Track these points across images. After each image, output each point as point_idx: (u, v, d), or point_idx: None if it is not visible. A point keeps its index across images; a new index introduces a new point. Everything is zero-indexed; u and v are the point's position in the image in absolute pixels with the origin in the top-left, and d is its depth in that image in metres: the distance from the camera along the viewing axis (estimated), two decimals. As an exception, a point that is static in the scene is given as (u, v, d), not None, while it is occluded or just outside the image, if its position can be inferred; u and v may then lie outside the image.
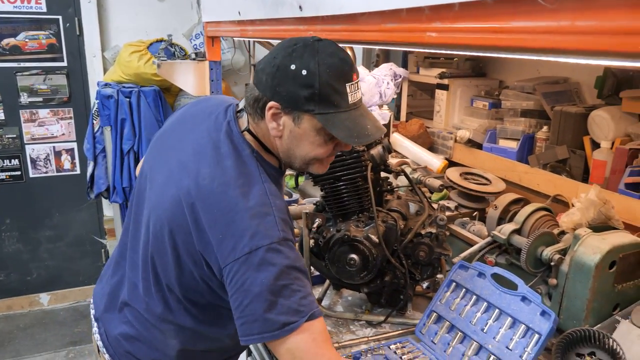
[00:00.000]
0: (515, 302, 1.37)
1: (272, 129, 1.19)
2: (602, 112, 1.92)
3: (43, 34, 3.73)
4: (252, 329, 1.12)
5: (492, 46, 0.80)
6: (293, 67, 1.11)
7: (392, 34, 1.03)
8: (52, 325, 3.88)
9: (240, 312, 1.13)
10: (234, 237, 1.12)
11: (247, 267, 1.10)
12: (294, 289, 1.12)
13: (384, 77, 2.40)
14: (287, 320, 1.10)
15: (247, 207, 1.13)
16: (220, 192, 1.15)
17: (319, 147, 1.21)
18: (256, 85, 1.18)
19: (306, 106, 1.13)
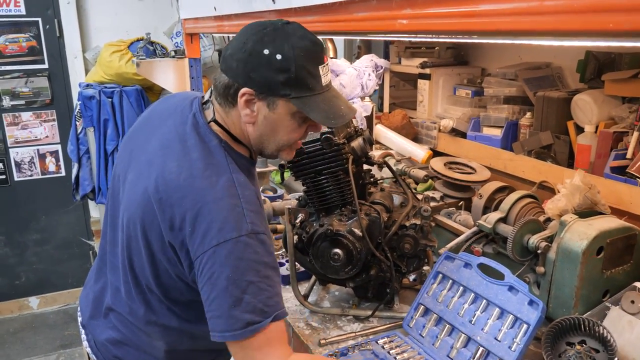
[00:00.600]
0: (502, 292, 1.35)
1: (245, 115, 1.16)
2: (584, 96, 1.91)
3: (23, 37, 3.68)
4: (217, 325, 1.12)
5: (462, 30, 0.77)
6: (266, 51, 1.09)
7: (363, 23, 1.01)
8: (42, 328, 3.85)
9: (208, 306, 1.12)
10: (202, 230, 1.10)
11: (215, 259, 1.09)
12: (261, 287, 1.11)
13: (365, 68, 2.37)
14: (252, 320, 1.09)
15: (215, 199, 1.11)
16: (187, 185, 1.13)
17: (293, 131, 1.20)
18: (225, 72, 1.15)
19: (282, 91, 1.12)
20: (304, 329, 1.56)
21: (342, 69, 2.33)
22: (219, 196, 1.12)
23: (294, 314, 1.63)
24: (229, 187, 1.13)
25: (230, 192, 1.13)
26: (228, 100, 1.17)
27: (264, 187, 2.36)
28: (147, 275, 1.24)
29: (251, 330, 1.09)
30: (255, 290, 1.10)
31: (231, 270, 1.09)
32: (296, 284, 1.64)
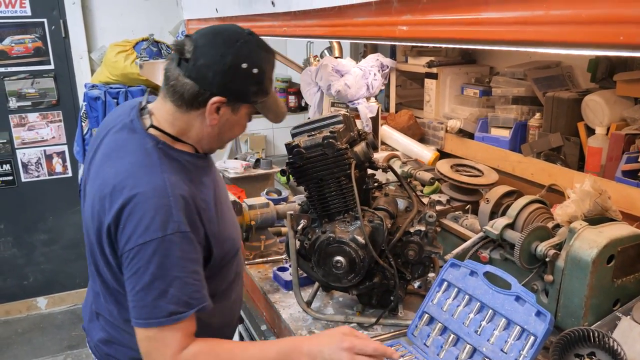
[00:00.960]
0: (509, 302, 1.31)
1: (211, 119, 1.26)
2: (596, 96, 1.85)
3: (29, 38, 3.68)
4: (140, 314, 1.18)
5: (465, 39, 0.74)
6: (244, 65, 1.21)
7: (362, 29, 0.97)
8: (50, 329, 3.87)
9: (132, 297, 1.19)
10: (131, 228, 1.17)
11: (140, 257, 1.16)
12: (187, 282, 1.19)
13: (371, 68, 2.33)
14: (176, 310, 1.17)
15: (145, 199, 1.17)
16: (121, 187, 1.20)
17: (244, 127, 1.37)
18: (195, 80, 1.22)
19: (252, 98, 1.28)
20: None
21: (347, 69, 2.29)
22: (149, 196, 1.18)
23: (297, 321, 1.60)
24: (159, 188, 1.19)
25: (159, 192, 1.19)
26: (192, 105, 1.25)
27: (268, 189, 2.33)
28: (110, 278, 1.30)
29: (174, 319, 1.17)
30: (181, 284, 1.18)
31: (156, 267, 1.16)
32: (299, 290, 1.62)
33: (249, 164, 2.47)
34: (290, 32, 1.26)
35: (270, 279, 1.87)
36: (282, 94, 3.98)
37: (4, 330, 3.86)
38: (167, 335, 1.19)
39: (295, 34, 1.25)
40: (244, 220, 2.02)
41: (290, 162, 1.49)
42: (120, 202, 1.18)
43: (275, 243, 2.11)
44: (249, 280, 1.94)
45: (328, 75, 2.25)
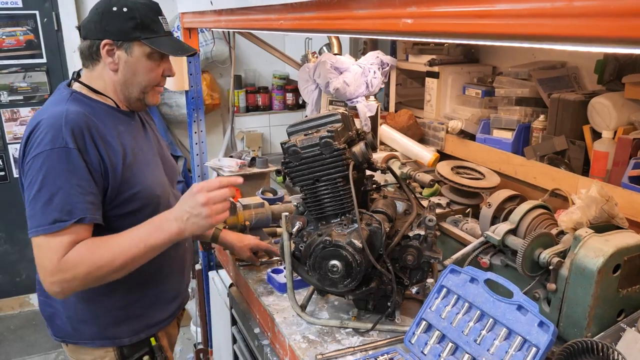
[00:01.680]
0: (510, 311, 1.26)
1: (109, 64, 1.46)
2: (603, 99, 1.80)
3: (20, 30, 3.61)
4: (32, 223, 1.31)
5: (475, 33, 0.68)
6: (115, 8, 1.42)
7: (363, 22, 0.91)
8: (43, 326, 3.76)
9: (27, 206, 1.32)
10: (29, 145, 1.35)
11: (32, 167, 1.31)
12: (71, 193, 1.31)
13: (371, 65, 2.27)
14: (58, 218, 1.28)
15: (42, 121, 1.35)
16: (32, 119, 1.41)
17: (151, 71, 1.50)
18: (85, 37, 1.46)
19: (134, 34, 1.43)
20: (300, 342, 1.47)
21: (346, 67, 2.23)
22: (46, 117, 1.36)
23: (291, 325, 1.55)
24: (57, 114, 1.36)
25: (56, 116, 1.35)
26: (93, 58, 1.46)
27: (264, 188, 2.27)
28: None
29: (58, 226, 1.28)
30: (65, 194, 1.30)
31: (43, 176, 1.30)
32: (294, 294, 1.56)
33: (244, 162, 2.41)
34: (287, 26, 1.20)
35: (264, 281, 1.82)
36: (280, 91, 3.92)
37: (-5, 326, 3.81)
38: (53, 241, 1.29)
39: (292, 27, 1.19)
40: (237, 220, 1.97)
41: (286, 161, 1.44)
42: (28, 131, 1.37)
43: (271, 244, 2.05)
44: (243, 281, 1.89)
45: (326, 72, 2.19)
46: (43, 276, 1.32)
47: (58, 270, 1.29)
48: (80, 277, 1.31)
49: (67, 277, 1.30)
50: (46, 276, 1.31)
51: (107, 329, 1.57)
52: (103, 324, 1.56)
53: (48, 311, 1.60)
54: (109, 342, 1.58)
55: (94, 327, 1.56)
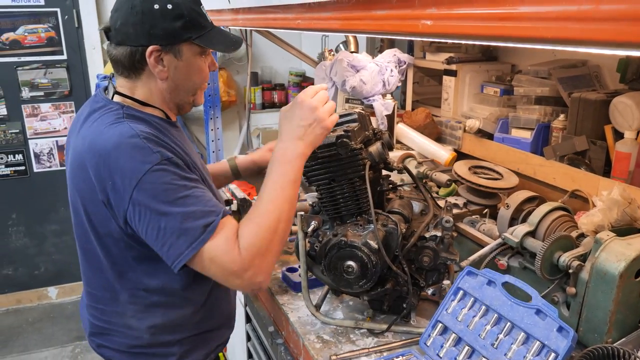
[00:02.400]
0: (529, 316, 1.24)
1: (159, 72, 1.26)
2: (625, 98, 1.76)
3: (42, 27, 3.65)
4: (179, 247, 1.14)
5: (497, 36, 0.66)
6: (157, 6, 1.20)
7: (382, 22, 0.90)
8: (60, 319, 3.87)
9: (162, 238, 1.15)
10: (118, 179, 1.15)
11: (143, 196, 1.13)
12: (197, 195, 1.17)
13: (388, 64, 2.25)
14: (206, 222, 1.15)
15: (116, 146, 1.16)
16: (93, 143, 1.20)
17: (201, 71, 1.33)
18: (123, 43, 1.23)
19: (184, 35, 1.24)
20: (315, 342, 1.47)
21: (363, 65, 2.22)
22: (118, 142, 1.17)
23: (305, 325, 1.54)
24: (125, 131, 1.18)
25: (127, 134, 1.18)
26: (135, 67, 1.26)
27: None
28: (106, 242, 1.29)
29: (211, 229, 1.14)
30: (193, 200, 1.16)
31: (162, 197, 1.13)
32: (308, 294, 1.56)
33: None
34: (305, 25, 1.20)
35: (278, 280, 1.82)
36: (296, 88, 3.92)
37: (14, 319, 3.87)
38: (217, 244, 1.15)
39: (309, 27, 1.18)
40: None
41: (302, 161, 1.43)
42: (97, 157, 1.18)
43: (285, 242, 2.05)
44: (257, 280, 1.89)
45: (343, 70, 2.18)
46: (238, 281, 1.19)
47: (246, 262, 1.17)
48: (266, 251, 1.19)
49: (257, 261, 1.18)
50: (242, 275, 1.17)
51: (184, 355, 1.43)
52: (180, 352, 1.42)
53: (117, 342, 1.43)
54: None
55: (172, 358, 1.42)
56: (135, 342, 1.39)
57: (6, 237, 3.92)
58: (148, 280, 1.33)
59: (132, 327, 1.38)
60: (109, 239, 1.27)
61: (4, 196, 3.84)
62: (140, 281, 1.33)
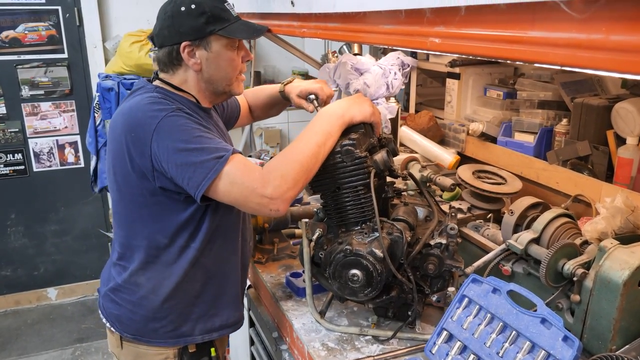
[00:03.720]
0: (534, 324, 1.24)
1: (193, 65, 1.43)
2: (627, 104, 1.76)
3: (42, 26, 3.64)
4: (198, 178, 1.29)
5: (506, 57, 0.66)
6: (183, 8, 1.38)
7: (390, 37, 0.90)
8: (60, 320, 3.85)
9: (183, 172, 1.30)
10: (141, 125, 1.33)
11: (160, 139, 1.30)
12: (209, 137, 1.33)
13: (391, 67, 2.25)
14: (218, 155, 1.29)
15: (138, 103, 1.37)
16: (120, 109, 1.42)
17: (233, 61, 1.47)
18: (162, 45, 1.44)
19: (208, 28, 1.39)
20: (320, 349, 1.47)
21: (366, 67, 2.22)
22: (138, 102, 1.37)
23: (309, 332, 1.55)
24: (146, 96, 1.39)
25: (146, 96, 1.38)
26: (174, 63, 1.45)
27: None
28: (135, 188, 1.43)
29: (223, 160, 1.29)
30: (207, 139, 1.32)
31: (178, 135, 1.30)
32: (313, 301, 1.56)
33: (263, 162, 2.40)
34: (310, 34, 1.20)
35: (282, 285, 1.82)
36: (298, 88, 3.90)
37: (13, 320, 3.85)
38: (236, 169, 1.30)
39: (315, 35, 1.18)
40: (257, 222, 1.97)
41: (307, 168, 1.43)
42: (125, 116, 1.37)
43: (289, 246, 2.05)
44: (261, 284, 1.89)
45: (347, 73, 2.18)
46: (258, 198, 1.29)
47: (265, 178, 1.29)
48: (288, 176, 1.31)
49: (277, 181, 1.29)
50: (262, 192, 1.29)
51: (181, 325, 1.53)
52: (179, 320, 1.53)
53: (115, 313, 1.55)
54: (181, 341, 1.55)
55: (169, 325, 1.52)
56: (140, 302, 1.52)
57: (5, 238, 3.91)
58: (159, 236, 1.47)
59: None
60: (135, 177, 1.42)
61: (3, 196, 3.82)
62: (152, 236, 1.47)
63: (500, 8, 0.62)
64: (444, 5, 0.71)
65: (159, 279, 1.49)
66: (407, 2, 0.77)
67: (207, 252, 1.50)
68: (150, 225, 1.45)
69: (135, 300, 1.51)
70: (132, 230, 1.49)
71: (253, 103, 1.97)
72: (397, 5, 0.80)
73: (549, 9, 0.58)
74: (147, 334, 1.53)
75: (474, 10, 0.67)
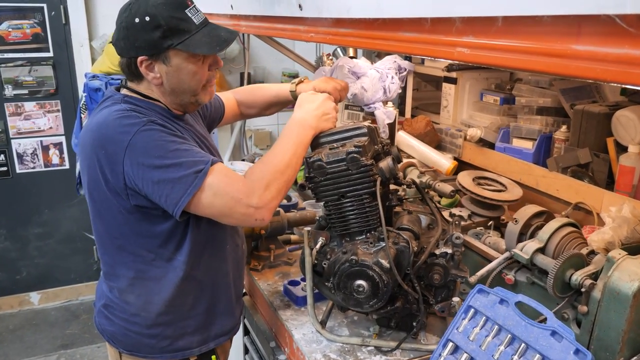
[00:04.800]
0: (544, 337, 1.22)
1: (153, 79, 1.36)
2: (628, 112, 1.76)
3: (27, 23, 3.54)
4: (177, 194, 1.25)
5: (545, 72, 0.64)
6: (137, 20, 1.28)
7: (410, 45, 0.87)
8: (43, 326, 3.75)
9: (159, 189, 1.25)
10: (112, 142, 1.26)
11: (136, 154, 1.24)
12: (185, 149, 1.28)
13: (388, 70, 2.22)
14: (197, 169, 1.25)
15: (106, 117, 1.30)
16: (88, 124, 1.36)
17: (196, 74, 1.38)
18: (121, 55, 1.36)
19: (165, 43, 1.30)
20: (321, 360, 1.44)
21: (363, 71, 2.19)
22: (106, 116, 1.30)
23: (311, 343, 1.51)
24: (114, 108, 1.32)
25: (114, 109, 1.31)
26: (134, 75, 1.37)
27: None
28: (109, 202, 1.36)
29: (202, 174, 1.25)
30: (183, 152, 1.27)
31: (153, 152, 1.24)
32: (314, 311, 1.53)
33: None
34: (319, 39, 1.16)
35: (280, 293, 1.78)
36: (289, 89, 3.86)
37: (-5, 325, 3.74)
38: (218, 180, 1.27)
39: (324, 41, 1.15)
40: (253, 229, 1.93)
41: (311, 176, 1.40)
42: (91, 135, 1.31)
43: (285, 253, 2.02)
44: (257, 292, 1.85)
45: (344, 77, 2.15)
46: (243, 208, 1.28)
47: (250, 189, 1.29)
48: (270, 185, 1.31)
49: (260, 191, 1.29)
50: (247, 202, 1.28)
51: (177, 340, 1.49)
52: (174, 335, 1.49)
53: (110, 329, 1.51)
54: (179, 355, 1.51)
55: (165, 341, 1.48)
56: (132, 319, 1.47)
57: (-13, 241, 3.81)
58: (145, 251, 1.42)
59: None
60: (108, 213, 1.38)
61: (-16, 198, 3.72)
62: (137, 252, 1.42)
63: (544, 20, 0.59)
64: (477, 15, 0.68)
65: (149, 296, 1.44)
66: (435, 10, 0.74)
67: (196, 264, 1.45)
68: (133, 242, 1.40)
69: (127, 317, 1.47)
70: (114, 248, 1.43)
71: (247, 101, 1.91)
72: (423, 13, 0.77)
73: (598, 22, 0.55)
74: (143, 349, 1.48)
75: (512, 21, 0.64)
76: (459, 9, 0.70)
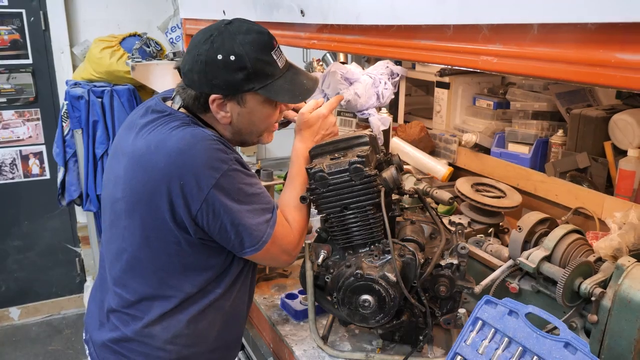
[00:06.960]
0: (557, 349, 1.19)
1: (222, 117, 1.29)
2: (626, 115, 1.75)
3: (5, 30, 3.44)
4: (251, 241, 1.24)
5: (585, 82, 0.60)
6: (220, 57, 1.20)
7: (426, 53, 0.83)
8: (24, 342, 3.62)
9: (234, 232, 1.23)
10: (198, 176, 1.17)
11: (219, 195, 1.18)
12: (258, 193, 1.26)
13: (381, 76, 2.18)
14: (267, 218, 1.26)
15: (193, 144, 1.18)
16: (162, 144, 1.21)
17: (268, 117, 1.34)
18: (190, 87, 1.28)
19: (246, 86, 1.23)
20: (324, 377, 1.39)
21: (356, 77, 2.14)
22: (192, 142, 1.19)
23: (312, 359, 1.46)
24: (197, 133, 1.21)
25: (199, 135, 1.20)
26: (201, 108, 1.30)
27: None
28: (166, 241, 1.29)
29: (272, 224, 1.26)
30: (257, 198, 1.26)
31: (235, 195, 1.20)
32: (315, 326, 1.48)
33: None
34: (322, 46, 1.12)
35: (277, 307, 1.73)
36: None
37: (-28, 343, 3.61)
38: (279, 233, 1.29)
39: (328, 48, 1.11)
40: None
41: (312, 187, 1.35)
42: (164, 162, 1.19)
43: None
44: (254, 306, 1.79)
45: (337, 83, 2.10)
46: (288, 257, 1.36)
47: (297, 241, 1.35)
48: (304, 233, 1.39)
49: (300, 243, 1.38)
50: (292, 252, 1.36)
51: None
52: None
53: None
54: None
55: None
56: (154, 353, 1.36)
57: (-36, 254, 3.67)
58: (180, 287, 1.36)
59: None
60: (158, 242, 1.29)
61: (-38, 210, 3.59)
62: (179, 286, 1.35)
63: (588, 27, 0.55)
64: (508, 22, 0.64)
65: (177, 329, 1.34)
66: (459, 17, 0.70)
67: (227, 295, 1.39)
68: (179, 274, 1.31)
69: (149, 352, 1.34)
70: (156, 278, 1.32)
71: None
72: (445, 20, 0.73)
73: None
74: None
75: (548, 29, 0.60)
76: (486, 16, 0.67)
